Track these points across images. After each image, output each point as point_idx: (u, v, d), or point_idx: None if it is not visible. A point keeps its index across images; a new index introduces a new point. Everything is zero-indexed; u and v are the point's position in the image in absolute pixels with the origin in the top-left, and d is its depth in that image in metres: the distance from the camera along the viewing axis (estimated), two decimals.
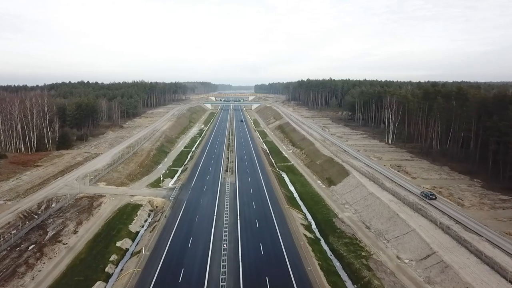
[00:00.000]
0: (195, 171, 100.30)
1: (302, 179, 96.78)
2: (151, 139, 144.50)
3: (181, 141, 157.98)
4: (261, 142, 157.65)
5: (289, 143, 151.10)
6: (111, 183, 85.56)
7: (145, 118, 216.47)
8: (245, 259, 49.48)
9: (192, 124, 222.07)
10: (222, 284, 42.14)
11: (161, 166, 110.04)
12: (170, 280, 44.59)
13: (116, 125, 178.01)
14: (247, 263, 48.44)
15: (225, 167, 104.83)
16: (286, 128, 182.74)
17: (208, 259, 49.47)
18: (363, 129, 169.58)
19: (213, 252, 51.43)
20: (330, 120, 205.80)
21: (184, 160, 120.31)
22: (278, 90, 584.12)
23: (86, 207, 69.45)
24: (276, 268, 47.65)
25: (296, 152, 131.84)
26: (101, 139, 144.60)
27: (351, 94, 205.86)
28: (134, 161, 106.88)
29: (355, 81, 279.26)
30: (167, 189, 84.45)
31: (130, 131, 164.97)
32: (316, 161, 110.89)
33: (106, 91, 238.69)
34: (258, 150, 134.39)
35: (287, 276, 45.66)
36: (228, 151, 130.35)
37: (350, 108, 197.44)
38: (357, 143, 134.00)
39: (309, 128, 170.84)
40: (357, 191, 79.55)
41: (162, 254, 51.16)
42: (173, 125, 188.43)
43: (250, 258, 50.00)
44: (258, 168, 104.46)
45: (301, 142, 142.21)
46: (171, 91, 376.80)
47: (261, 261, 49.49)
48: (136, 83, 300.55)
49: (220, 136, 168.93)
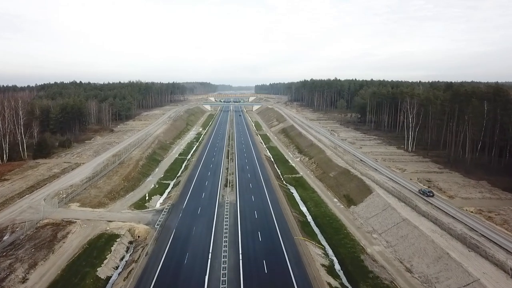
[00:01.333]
0: (189, 186, 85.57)
1: (315, 196, 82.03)
2: (142, 145, 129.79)
3: (176, 147, 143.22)
4: (264, 148, 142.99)
5: (295, 150, 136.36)
6: (86, 204, 70.79)
7: (138, 121, 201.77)
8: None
9: (189, 127, 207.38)
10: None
11: (150, 179, 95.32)
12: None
13: (105, 129, 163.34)
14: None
15: (224, 180, 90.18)
16: (291, 132, 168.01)
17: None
18: (375, 134, 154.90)
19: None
20: (338, 123, 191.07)
21: (178, 171, 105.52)
22: (280, 91, 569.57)
23: (47, 240, 54.71)
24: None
25: (304, 161, 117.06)
26: (87, 146, 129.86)
27: (360, 95, 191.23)
28: (118, 174, 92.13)
29: (362, 81, 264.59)
30: (154, 211, 69.68)
31: (120, 136, 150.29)
32: (329, 173, 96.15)
33: (98, 92, 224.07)
34: (261, 158, 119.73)
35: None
36: (228, 159, 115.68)
37: (359, 110, 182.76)
38: (372, 150, 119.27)
39: (316, 133, 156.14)
40: (385, 215, 64.84)
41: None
42: (168, 128, 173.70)
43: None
44: (263, 181, 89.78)
45: (309, 149, 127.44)
46: (169, 92, 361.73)
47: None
48: (130, 83, 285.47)
49: (219, 141, 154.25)
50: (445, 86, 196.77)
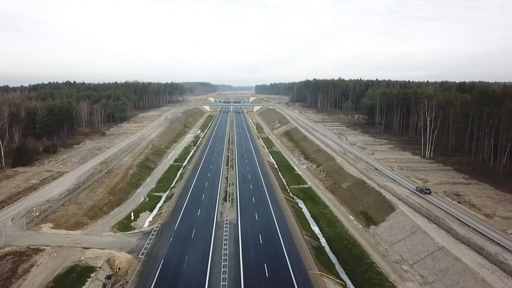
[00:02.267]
0: (183, 200, 75.08)
1: (328, 213, 71.53)
2: (134, 150, 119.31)
3: (172, 152, 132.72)
4: (266, 153, 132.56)
5: (301, 155, 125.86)
6: (61, 225, 60.34)
7: (133, 123, 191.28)
8: None
9: (187, 129, 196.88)
10: None
11: (140, 191, 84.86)
12: None
13: (97, 132, 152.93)
14: None
15: (223, 192, 79.77)
16: (295, 135, 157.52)
17: None
18: (385, 137, 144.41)
19: None
20: (344, 125, 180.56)
21: (172, 181, 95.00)
22: (280, 91, 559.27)
23: (3, 277, 44.29)
24: None
25: (311, 169, 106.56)
26: (74, 151, 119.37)
27: (368, 95, 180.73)
28: (104, 185, 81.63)
29: (367, 81, 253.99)
30: (140, 233, 59.18)
31: (112, 140, 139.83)
32: (341, 184, 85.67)
33: (91, 93, 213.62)
34: (264, 164, 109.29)
35: None
36: (228, 167, 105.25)
37: (367, 112, 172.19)
38: (386, 156, 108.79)
39: (323, 136, 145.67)
40: (415, 240, 54.37)
41: None
42: (164, 131, 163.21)
43: None
44: (267, 194, 79.32)
45: (317, 154, 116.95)
46: (167, 92, 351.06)
47: None
48: (126, 84, 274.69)
49: (218, 145, 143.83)
50: (457, 86, 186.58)
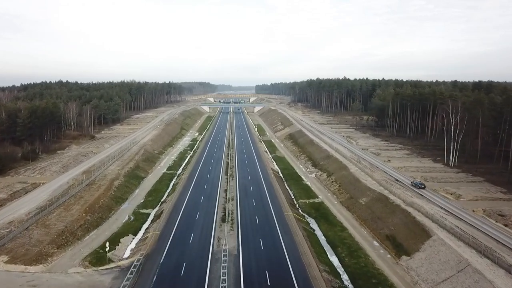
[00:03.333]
0: (173, 220, 63.28)
1: (347, 237, 59.70)
2: (123, 157, 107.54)
3: (166, 159, 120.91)
4: (270, 159, 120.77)
5: (308, 162, 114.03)
6: (18, 258, 48.55)
7: (127, 125, 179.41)
8: None
9: (184, 131, 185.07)
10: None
11: (125, 207, 73.08)
12: None
13: (85, 136, 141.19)
14: None
15: (222, 210, 68.04)
16: (300, 139, 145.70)
17: None
18: (399, 141, 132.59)
19: None
20: (352, 128, 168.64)
21: (163, 194, 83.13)
22: (281, 91, 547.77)
23: None
24: None
25: (321, 178, 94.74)
26: (56, 158, 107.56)
27: (378, 95, 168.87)
28: (82, 201, 69.79)
29: (374, 81, 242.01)
30: (117, 269, 47.31)
31: (101, 144, 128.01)
32: (358, 199, 73.84)
33: (83, 93, 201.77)
34: (267, 173, 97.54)
35: None
36: (227, 176, 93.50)
37: (377, 113, 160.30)
38: (405, 164, 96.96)
39: (331, 140, 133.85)
40: (466, 281, 42.49)
41: None
42: (159, 134, 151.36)
43: None
44: (273, 212, 67.53)
45: (326, 161, 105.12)
46: (164, 92, 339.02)
47: None
48: (121, 83, 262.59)
49: (217, 150, 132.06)
50: (473, 85, 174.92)
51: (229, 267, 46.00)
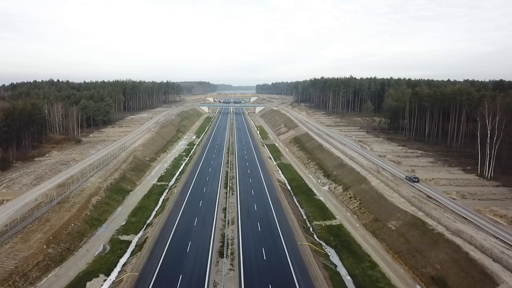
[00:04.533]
0: (158, 255, 49.92)
1: (379, 278, 46.31)
2: (108, 166, 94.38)
3: (158, 166, 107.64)
4: (274, 167, 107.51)
5: (318, 171, 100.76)
6: None
7: (118, 128, 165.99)
8: None
9: (180, 134, 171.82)
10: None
11: (101, 233, 59.88)
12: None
13: (71, 140, 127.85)
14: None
15: (219, 239, 54.83)
16: (307, 143, 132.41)
17: None
18: (417, 146, 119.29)
19: None
20: (363, 131, 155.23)
21: (149, 213, 69.77)
22: (283, 91, 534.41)
23: None
24: None
25: (336, 193, 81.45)
26: (32, 166, 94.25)
27: (391, 95, 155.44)
28: (47, 226, 56.56)
29: (382, 80, 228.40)
30: None
31: (86, 150, 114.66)
32: (386, 222, 60.55)
33: (73, 92, 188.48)
34: (273, 186, 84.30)
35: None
36: (227, 190, 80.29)
37: (391, 115, 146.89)
38: (432, 176, 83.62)
39: (342, 145, 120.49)
40: None
41: None
42: (152, 138, 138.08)
43: None
44: (283, 241, 54.25)
45: (340, 171, 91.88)
46: (162, 92, 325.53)
47: None
48: (115, 82, 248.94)
49: (215, 156, 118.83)
50: (493, 85, 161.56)
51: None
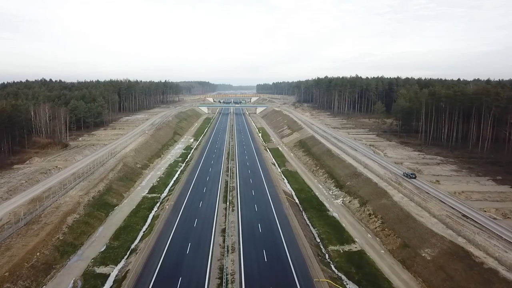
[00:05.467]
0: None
1: None
2: (93, 175, 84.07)
3: (150, 175, 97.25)
4: (279, 175, 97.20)
5: (329, 180, 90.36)
6: None
7: (111, 130, 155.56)
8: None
9: (177, 137, 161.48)
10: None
11: (73, 263, 49.47)
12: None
13: (57, 144, 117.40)
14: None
15: (217, 273, 44.47)
16: (313, 148, 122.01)
17: None
18: (436, 152, 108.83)
19: None
20: (373, 133, 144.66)
21: (136, 235, 59.26)
22: (284, 90, 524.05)
23: None
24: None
25: (353, 208, 71.02)
26: (7, 176, 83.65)
27: (403, 96, 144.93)
28: (6, 257, 46.12)
29: (390, 79, 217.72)
30: None
31: (72, 156, 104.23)
32: (418, 249, 50.12)
33: (64, 92, 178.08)
34: (279, 199, 73.96)
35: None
36: (226, 205, 69.97)
37: (404, 117, 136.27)
38: (461, 188, 73.09)
39: (352, 150, 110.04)
40: None
41: None
42: (146, 142, 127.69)
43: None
44: (295, 276, 43.93)
45: (354, 181, 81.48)
46: (159, 92, 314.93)
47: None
48: (110, 82, 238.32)
49: (214, 163, 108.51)
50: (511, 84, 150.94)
51: None
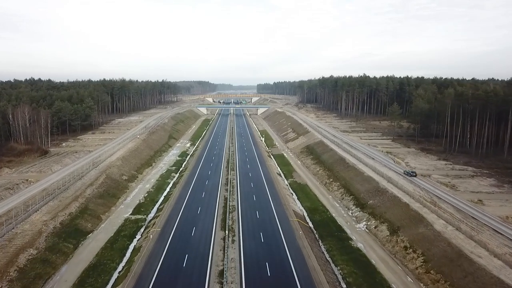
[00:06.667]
0: None
1: None
2: (67, 191, 70.76)
3: (137, 189, 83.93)
4: (287, 189, 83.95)
5: (345, 196, 77.02)
6: None
7: (100, 134, 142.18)
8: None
9: (173, 141, 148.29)
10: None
11: None
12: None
13: (36, 151, 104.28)
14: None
15: None
16: (324, 155, 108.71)
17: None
18: (464, 160, 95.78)
19: None
20: (387, 138, 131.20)
21: (105, 281, 45.75)
22: (285, 90, 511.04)
23: None
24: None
25: (381, 236, 57.65)
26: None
27: (420, 96, 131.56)
28: None
29: (401, 79, 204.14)
30: None
31: (49, 166, 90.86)
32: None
33: (51, 93, 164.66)
34: (289, 224, 60.76)
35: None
36: (225, 232, 56.65)
37: (422, 120, 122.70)
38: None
39: (368, 158, 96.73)
40: None
41: None
42: (136, 148, 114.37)
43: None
44: None
45: (378, 200, 68.15)
46: (156, 92, 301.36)
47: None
48: (102, 81, 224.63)
49: (212, 173, 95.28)
50: None
51: None
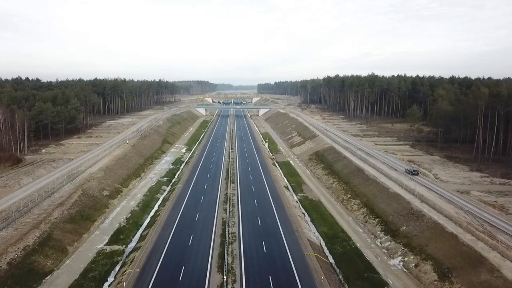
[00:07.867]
0: None
1: None
2: (30, 213, 57.44)
3: (119, 207, 70.51)
4: (297, 208, 70.68)
5: (369, 219, 63.70)
6: None
7: (86, 139, 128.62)
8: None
9: (167, 146, 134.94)
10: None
11: None
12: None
13: (7, 160, 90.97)
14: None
15: None
16: (336, 164, 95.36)
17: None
18: (501, 172, 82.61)
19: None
20: (405, 144, 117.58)
21: None
22: (287, 90, 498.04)
23: None
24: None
25: (427, 281, 44.29)
26: None
27: (442, 97, 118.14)
28: None
29: (414, 78, 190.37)
30: None
31: (17, 179, 77.42)
32: None
33: (34, 93, 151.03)
34: (305, 260, 47.65)
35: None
36: (223, 276, 43.26)
37: (446, 124, 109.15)
38: None
39: (390, 169, 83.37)
40: None
41: None
42: (124, 156, 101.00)
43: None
44: None
45: (413, 226, 54.84)
46: (153, 92, 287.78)
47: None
48: (94, 81, 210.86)
49: (209, 187, 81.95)
50: None
51: None
